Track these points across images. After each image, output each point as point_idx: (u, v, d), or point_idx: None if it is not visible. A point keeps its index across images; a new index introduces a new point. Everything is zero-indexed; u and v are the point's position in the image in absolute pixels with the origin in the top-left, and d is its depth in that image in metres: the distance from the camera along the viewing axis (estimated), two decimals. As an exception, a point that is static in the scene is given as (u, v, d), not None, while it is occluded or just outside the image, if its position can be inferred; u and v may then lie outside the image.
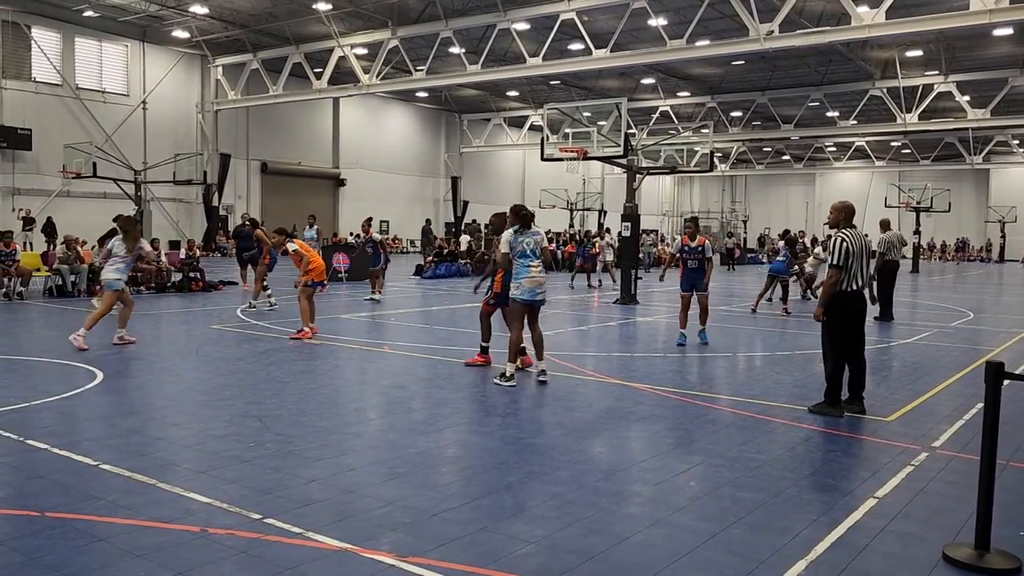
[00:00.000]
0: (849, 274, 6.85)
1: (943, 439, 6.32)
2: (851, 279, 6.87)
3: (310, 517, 4.32)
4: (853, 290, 6.89)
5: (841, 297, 6.87)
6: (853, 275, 6.87)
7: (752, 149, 53.76)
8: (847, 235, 6.91)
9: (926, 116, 34.58)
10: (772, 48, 21.87)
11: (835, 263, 6.83)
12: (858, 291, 6.92)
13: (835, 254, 6.85)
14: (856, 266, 6.87)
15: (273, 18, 28.83)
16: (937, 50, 29.46)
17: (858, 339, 7.02)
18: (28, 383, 7.81)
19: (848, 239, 6.88)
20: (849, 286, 6.87)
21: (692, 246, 11.28)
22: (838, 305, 6.90)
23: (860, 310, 6.98)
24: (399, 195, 43.62)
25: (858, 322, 6.99)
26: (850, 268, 6.84)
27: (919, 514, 4.66)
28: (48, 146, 28.21)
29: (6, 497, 4.60)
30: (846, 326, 6.94)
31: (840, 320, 6.91)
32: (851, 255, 6.83)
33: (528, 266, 8.21)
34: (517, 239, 8.25)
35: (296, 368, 8.89)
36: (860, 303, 6.97)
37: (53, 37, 29.57)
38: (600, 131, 17.42)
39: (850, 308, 6.93)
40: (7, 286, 15.47)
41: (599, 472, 5.33)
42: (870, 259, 7.20)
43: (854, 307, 6.94)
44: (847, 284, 6.86)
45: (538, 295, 8.29)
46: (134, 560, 3.74)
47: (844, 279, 6.85)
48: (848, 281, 6.86)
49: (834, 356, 6.96)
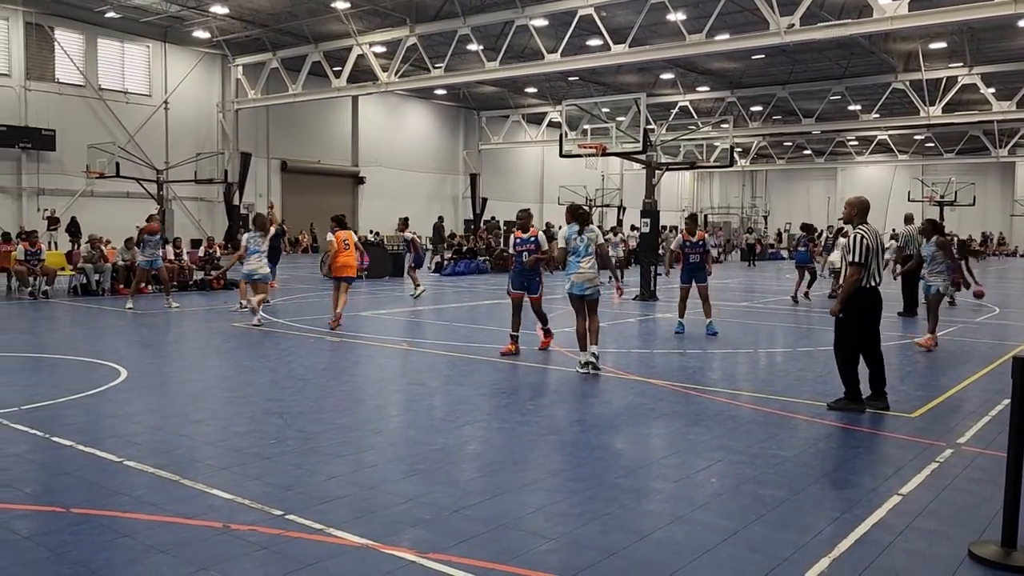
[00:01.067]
0: (868, 271, 6.77)
1: (968, 435, 6.24)
2: (869, 276, 6.79)
3: (331, 513, 4.34)
4: (871, 287, 6.81)
5: (859, 293, 6.79)
6: (871, 272, 6.79)
7: (772, 144, 53.27)
8: (865, 231, 6.83)
9: (950, 109, 34.09)
10: (793, 42, 21.62)
11: (857, 260, 6.74)
12: (875, 288, 6.84)
13: (855, 251, 6.76)
14: (874, 263, 6.79)
15: (292, 17, 28.96)
16: (961, 41, 29.04)
17: (874, 335, 6.94)
18: (53, 381, 7.91)
19: (866, 235, 6.80)
20: (868, 283, 6.79)
21: (693, 241, 11.95)
22: (854, 302, 6.81)
23: (876, 307, 6.90)
24: (418, 192, 43.69)
25: (874, 318, 6.91)
26: (868, 265, 6.76)
27: (944, 511, 4.61)
28: (72, 146, 28.53)
29: (32, 493, 4.66)
30: (860, 323, 6.84)
31: (855, 317, 6.82)
32: (870, 251, 6.76)
33: (579, 262, 8.61)
34: (574, 236, 8.63)
35: (316, 365, 8.94)
36: (877, 300, 6.88)
37: (76, 38, 29.88)
38: (619, 127, 17.34)
39: (867, 305, 6.84)
40: (33, 285, 15.68)
41: (619, 468, 5.31)
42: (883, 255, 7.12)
43: (871, 304, 6.85)
44: (866, 281, 6.78)
45: (587, 289, 8.62)
46: (158, 556, 3.78)
47: (864, 276, 6.78)
48: (867, 278, 6.78)
49: (845, 352, 6.87)
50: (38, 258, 15.97)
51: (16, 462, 5.19)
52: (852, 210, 7.03)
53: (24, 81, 28.34)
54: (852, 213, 7.02)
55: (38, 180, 29.01)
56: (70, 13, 29.00)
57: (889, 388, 7.12)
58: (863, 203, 7.05)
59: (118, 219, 28.42)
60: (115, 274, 16.62)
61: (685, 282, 11.95)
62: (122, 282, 16.59)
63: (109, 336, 11.33)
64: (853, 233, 6.90)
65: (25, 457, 5.31)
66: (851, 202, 7.10)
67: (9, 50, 28.03)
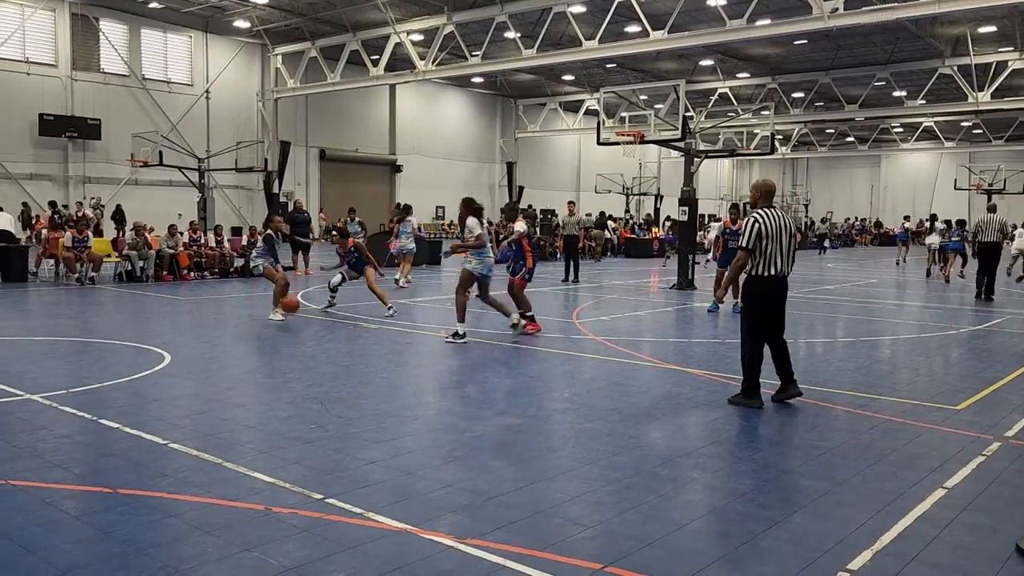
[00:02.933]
0: (765, 257, 6.48)
1: (1016, 429, 6.10)
2: (768, 263, 6.50)
3: (370, 498, 4.38)
4: (770, 275, 6.52)
5: (758, 281, 6.55)
6: (770, 259, 6.49)
7: (814, 131, 52.33)
8: (759, 216, 6.52)
9: (999, 94, 33.17)
10: (836, 26, 21.19)
11: (744, 245, 6.51)
12: (776, 276, 6.53)
13: (745, 235, 6.50)
14: (773, 248, 6.47)
15: (330, 6, 29.13)
16: (1012, 25, 28.19)
17: (777, 324, 6.67)
18: (101, 365, 8.10)
19: (760, 220, 6.49)
20: (766, 270, 6.51)
21: (733, 228, 12.51)
22: (757, 291, 6.59)
23: (777, 296, 6.61)
24: (455, 181, 43.77)
25: (777, 308, 6.64)
26: (765, 250, 6.47)
27: (991, 505, 4.51)
28: (116, 136, 29.08)
29: (81, 474, 4.78)
30: (761, 312, 6.59)
31: (757, 306, 6.60)
32: (763, 237, 6.46)
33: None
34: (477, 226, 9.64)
35: (355, 352, 9.03)
36: (778, 288, 6.61)
37: (120, 29, 30.40)
38: (657, 114, 17.16)
39: (766, 294, 6.58)
40: (80, 271, 16.05)
41: (657, 458, 5.28)
42: (793, 242, 6.66)
43: (772, 293, 6.58)
44: (764, 268, 6.50)
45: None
46: (202, 536, 3.86)
47: (760, 263, 6.49)
48: (764, 265, 6.50)
49: (751, 343, 6.63)
50: (85, 245, 16.34)
51: (65, 443, 5.33)
52: (756, 193, 6.75)
53: (70, 71, 28.92)
54: (756, 196, 6.73)
55: (84, 168, 29.64)
56: (114, 4, 29.51)
57: (934, 378, 6.97)
58: (768, 186, 6.78)
59: (161, 207, 28.95)
60: (159, 261, 16.92)
61: (722, 266, 12.53)
62: (165, 269, 16.90)
63: (153, 322, 11.56)
64: (749, 217, 6.61)
65: (74, 439, 5.44)
66: (756, 185, 6.83)
67: (56, 41, 28.62)
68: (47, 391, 6.66)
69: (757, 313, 6.64)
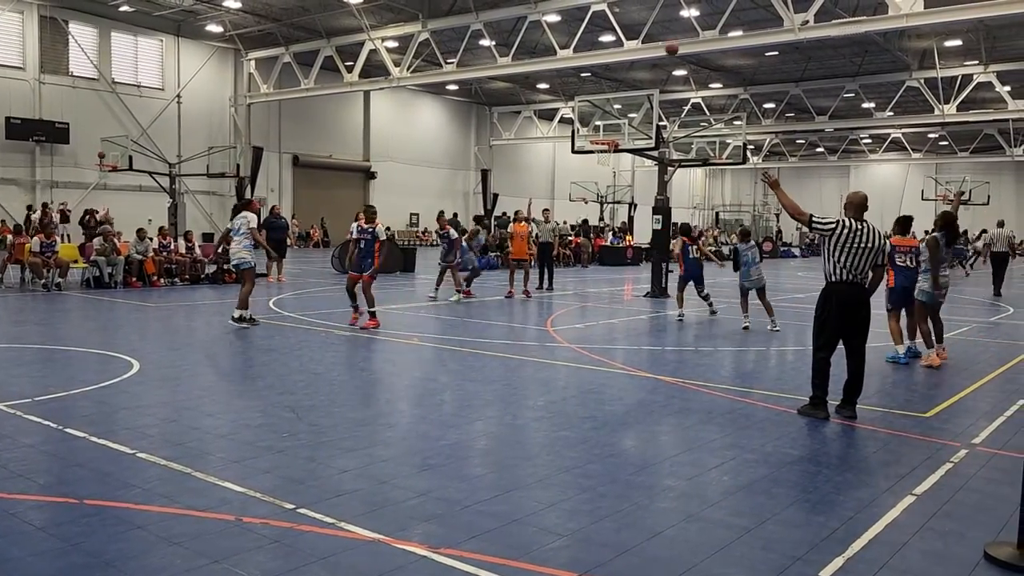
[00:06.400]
0: (839, 263, 6.50)
1: (983, 436, 6.20)
2: (839, 269, 6.51)
3: (343, 507, 4.34)
4: (840, 280, 6.51)
5: (828, 286, 6.61)
6: (844, 266, 6.50)
7: (785, 141, 53.00)
8: (845, 221, 6.60)
9: (965, 107, 33.81)
10: (807, 38, 21.52)
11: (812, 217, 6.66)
12: (844, 283, 6.50)
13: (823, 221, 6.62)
14: (848, 258, 6.48)
15: (305, 12, 29.00)
16: (977, 39, 28.79)
17: (847, 335, 6.58)
18: (67, 373, 7.95)
19: (840, 225, 6.56)
20: (837, 276, 6.53)
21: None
22: (824, 294, 6.62)
23: (844, 304, 6.51)
24: (429, 188, 43.69)
25: (844, 317, 6.53)
26: (839, 258, 6.50)
27: (959, 512, 4.57)
28: (85, 140, 28.62)
29: (46, 484, 4.68)
30: (827, 318, 6.57)
31: (822, 309, 6.60)
32: (840, 242, 6.50)
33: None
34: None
35: (328, 359, 8.95)
36: (846, 297, 6.51)
37: (90, 32, 29.98)
38: (631, 123, 17.28)
39: (835, 301, 6.54)
40: (46, 277, 15.76)
41: (631, 466, 5.29)
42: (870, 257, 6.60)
43: (839, 300, 6.52)
44: (836, 274, 6.52)
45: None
46: (170, 547, 3.79)
47: (834, 268, 6.52)
48: (837, 271, 6.52)
49: (813, 350, 6.66)
50: (52, 250, 16.06)
51: (29, 453, 5.21)
52: (846, 204, 6.80)
53: (38, 74, 28.47)
54: (845, 206, 6.79)
55: (52, 173, 29.16)
56: (84, 7, 29.11)
57: (902, 387, 7.06)
58: (856, 198, 6.80)
59: (131, 212, 28.54)
60: (128, 267, 16.67)
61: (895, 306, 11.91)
62: (135, 275, 16.65)
63: (122, 329, 11.38)
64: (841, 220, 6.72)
65: (38, 448, 5.33)
66: (847, 196, 6.92)
67: (24, 43, 28.16)
68: (11, 399, 6.52)
69: (822, 319, 6.61)
